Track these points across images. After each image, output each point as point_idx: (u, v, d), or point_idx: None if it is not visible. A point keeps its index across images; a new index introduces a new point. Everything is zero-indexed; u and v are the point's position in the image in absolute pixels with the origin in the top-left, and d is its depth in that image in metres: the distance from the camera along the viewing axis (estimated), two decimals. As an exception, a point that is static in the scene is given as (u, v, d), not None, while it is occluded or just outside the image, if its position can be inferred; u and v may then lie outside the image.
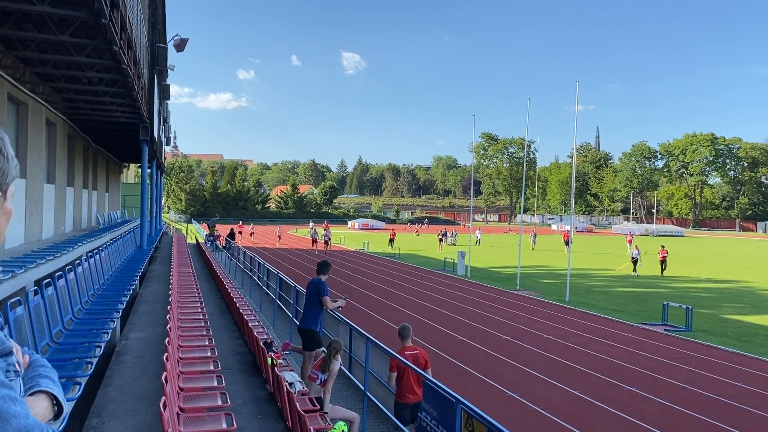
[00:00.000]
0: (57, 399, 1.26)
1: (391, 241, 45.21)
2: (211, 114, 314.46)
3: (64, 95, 14.29)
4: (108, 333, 6.84)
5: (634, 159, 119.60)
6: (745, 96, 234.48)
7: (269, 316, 14.99)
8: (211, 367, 6.22)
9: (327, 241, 40.70)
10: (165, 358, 4.92)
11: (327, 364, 6.88)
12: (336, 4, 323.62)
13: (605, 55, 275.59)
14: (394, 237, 46.60)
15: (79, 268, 8.76)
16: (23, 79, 11.97)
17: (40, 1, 7.80)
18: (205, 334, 7.67)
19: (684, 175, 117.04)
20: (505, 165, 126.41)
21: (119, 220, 27.10)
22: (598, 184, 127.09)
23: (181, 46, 22.02)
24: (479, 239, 53.15)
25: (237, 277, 22.21)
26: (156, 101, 19.21)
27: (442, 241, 46.65)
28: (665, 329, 16.31)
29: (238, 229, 50.83)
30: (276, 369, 6.36)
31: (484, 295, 22.20)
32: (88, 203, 22.37)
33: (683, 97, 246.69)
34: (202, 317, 8.72)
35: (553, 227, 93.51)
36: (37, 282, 7.76)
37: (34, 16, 8.48)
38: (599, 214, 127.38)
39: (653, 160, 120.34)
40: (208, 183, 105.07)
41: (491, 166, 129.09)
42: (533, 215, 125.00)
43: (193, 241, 38.83)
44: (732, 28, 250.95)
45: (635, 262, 30.70)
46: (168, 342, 5.62)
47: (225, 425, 4.78)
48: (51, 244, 12.06)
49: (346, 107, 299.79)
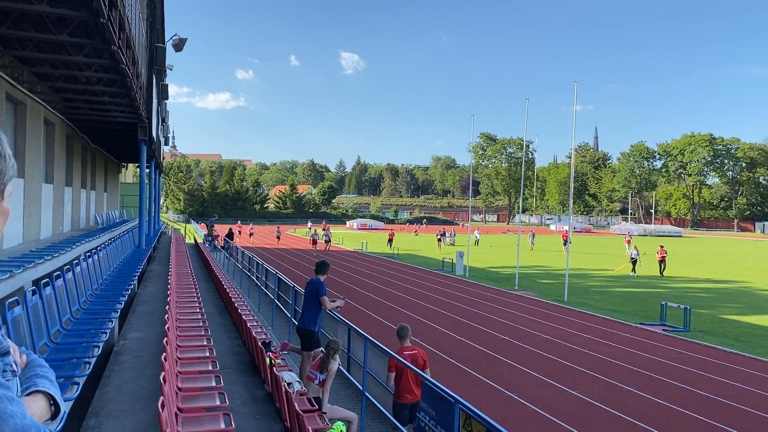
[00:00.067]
0: (54, 399, 1.26)
1: (389, 241, 45.21)
2: (209, 114, 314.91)
3: (62, 95, 14.28)
4: (106, 333, 6.83)
5: (632, 159, 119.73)
6: (744, 96, 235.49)
7: (268, 316, 14.99)
8: (210, 367, 6.22)
9: (327, 241, 40.71)
10: (163, 358, 4.92)
11: (325, 364, 6.88)
12: (335, 4, 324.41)
13: (604, 55, 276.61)
14: (393, 237, 46.61)
15: (78, 268, 8.75)
16: (21, 79, 11.95)
17: (39, 0, 7.79)
18: (203, 334, 7.67)
19: (682, 175, 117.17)
20: (503, 165, 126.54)
21: (117, 220, 27.06)
22: (597, 184, 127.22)
23: (179, 45, 22.00)
24: (478, 239, 53.18)
25: (235, 277, 22.20)
26: (154, 101, 19.20)
27: (440, 241, 46.66)
28: (663, 329, 16.34)
29: (237, 229, 50.81)
30: (274, 369, 6.36)
31: (483, 295, 22.21)
32: (87, 203, 22.35)
33: (682, 98, 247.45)
34: (200, 317, 8.71)
35: (552, 227, 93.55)
36: (36, 282, 7.76)
37: (33, 16, 8.47)
38: (598, 215, 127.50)
39: (651, 161, 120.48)
40: (206, 183, 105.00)
41: (490, 166, 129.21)
42: (532, 215, 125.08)
43: (192, 241, 38.82)
44: (731, 29, 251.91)
45: (634, 262, 30.70)
46: (166, 342, 5.61)
47: (223, 425, 4.77)
48: (49, 244, 12.05)
49: (345, 107, 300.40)
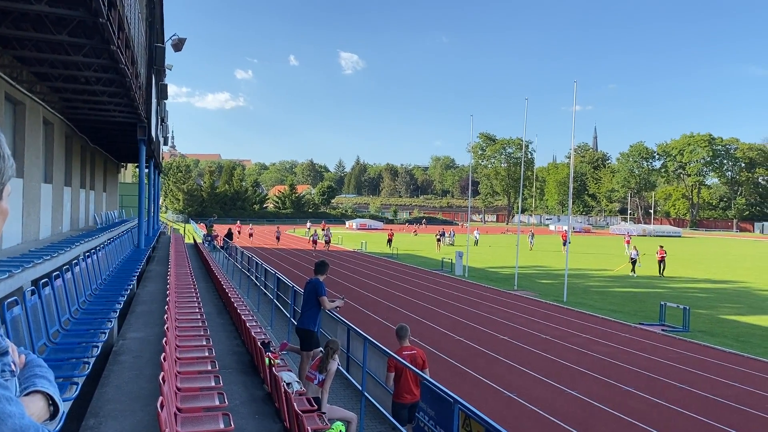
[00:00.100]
0: (53, 399, 1.26)
1: (389, 241, 45.21)
2: (208, 114, 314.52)
3: (61, 95, 14.27)
4: (105, 333, 6.83)
5: (631, 159, 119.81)
6: (743, 97, 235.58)
7: (267, 316, 14.99)
8: (209, 367, 6.21)
9: (327, 242, 40.71)
10: (162, 358, 4.91)
11: (324, 364, 6.88)
12: (334, 4, 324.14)
13: (603, 55, 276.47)
14: (392, 237, 46.62)
15: (77, 267, 8.74)
16: (20, 79, 11.95)
17: (38, 0, 7.79)
18: (202, 334, 7.67)
19: (681, 175, 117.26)
20: (503, 165, 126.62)
21: (117, 220, 27.05)
22: (596, 184, 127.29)
23: (178, 45, 21.98)
24: (477, 239, 53.20)
25: (235, 277, 22.20)
26: (154, 101, 19.19)
27: (440, 241, 46.66)
28: (662, 329, 16.35)
29: (236, 229, 50.78)
30: (274, 369, 6.36)
31: (482, 295, 22.21)
32: (86, 203, 22.34)
33: (681, 98, 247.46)
34: (199, 317, 8.71)
35: (551, 227, 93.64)
36: (35, 282, 7.75)
37: (32, 16, 8.47)
38: (597, 215, 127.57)
39: (651, 161, 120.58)
40: (205, 183, 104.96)
41: (489, 166, 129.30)
42: (531, 215, 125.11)
43: (191, 241, 38.81)
44: (730, 29, 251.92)
45: (634, 262, 30.71)
46: (165, 342, 5.61)
47: (222, 425, 4.77)
48: (48, 244, 12.04)
49: (344, 107, 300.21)
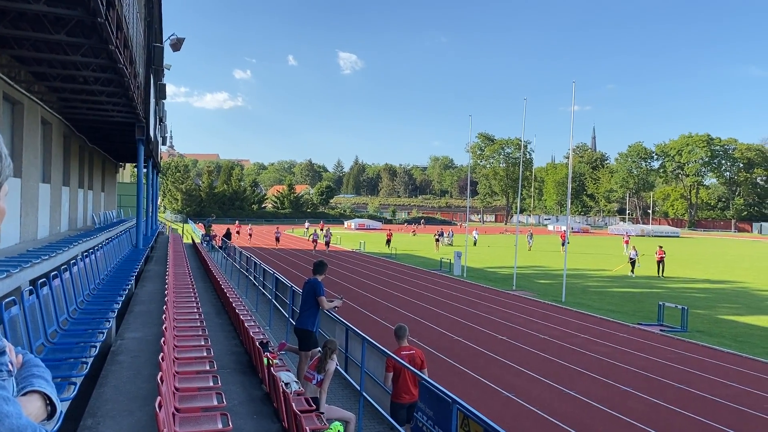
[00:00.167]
0: (50, 399, 1.26)
1: (388, 241, 45.20)
2: (207, 114, 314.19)
3: (59, 94, 14.25)
4: (103, 333, 6.82)
5: (630, 159, 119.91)
6: (742, 97, 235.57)
7: (265, 316, 14.99)
8: (207, 367, 6.21)
9: (327, 242, 40.68)
10: (161, 358, 4.91)
11: (323, 364, 6.88)
12: (333, 5, 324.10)
13: (602, 56, 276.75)
14: (391, 237, 46.60)
15: (75, 267, 8.73)
16: (18, 78, 11.93)
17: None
18: (201, 334, 7.66)
19: (680, 175, 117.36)
20: (501, 165, 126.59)
21: (115, 220, 27.03)
22: (595, 184, 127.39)
23: (177, 45, 21.96)
24: (476, 239, 53.21)
25: (233, 277, 22.19)
26: (152, 101, 19.17)
27: (438, 241, 46.65)
28: (661, 330, 16.37)
29: (235, 229, 50.72)
30: (272, 369, 6.35)
31: (481, 295, 22.22)
32: (84, 203, 22.31)
33: (679, 98, 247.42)
34: (198, 317, 8.70)
35: (550, 228, 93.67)
36: (33, 281, 7.74)
37: (30, 15, 8.46)
38: (595, 215, 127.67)
39: (649, 161, 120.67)
40: (204, 183, 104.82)
41: (488, 166, 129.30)
42: (529, 216, 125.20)
43: (189, 241, 38.78)
44: (728, 30, 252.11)
45: (633, 263, 30.73)
46: (164, 342, 5.60)
47: (221, 425, 4.77)
48: (46, 244, 12.02)
49: (343, 107, 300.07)
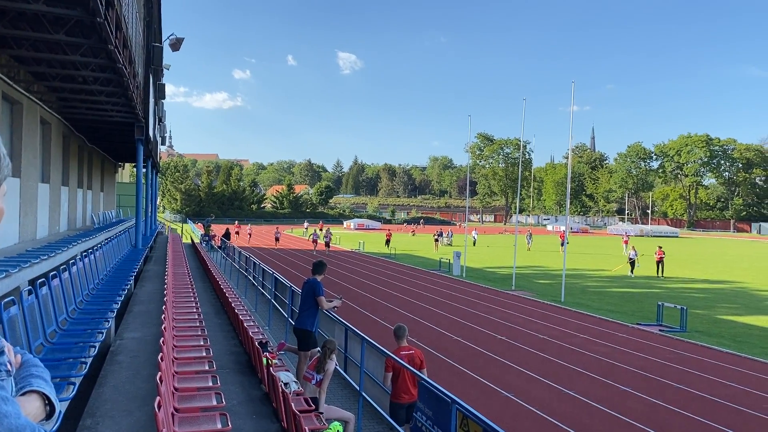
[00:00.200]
0: (49, 399, 1.26)
1: (387, 241, 45.17)
2: (206, 114, 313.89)
3: (58, 94, 14.24)
4: (102, 333, 6.81)
5: (629, 160, 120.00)
6: (741, 97, 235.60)
7: (264, 316, 14.99)
8: (206, 367, 6.21)
9: (327, 243, 40.64)
10: (160, 358, 4.91)
11: (322, 364, 6.88)
12: (332, 5, 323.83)
13: (601, 56, 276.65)
14: (390, 237, 46.57)
15: (74, 267, 8.73)
16: (18, 78, 11.92)
17: (35, -1, 7.77)
18: (200, 334, 7.66)
19: (679, 175, 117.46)
20: (500, 165, 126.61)
21: (114, 220, 27.00)
22: (594, 184, 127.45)
23: (176, 45, 21.94)
24: (475, 239, 53.21)
25: (232, 277, 22.18)
26: (151, 101, 19.15)
27: (437, 241, 46.64)
28: (660, 330, 16.37)
29: (235, 229, 50.65)
30: (271, 369, 6.35)
31: (480, 295, 22.22)
32: (83, 203, 22.30)
33: (679, 99, 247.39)
34: (197, 317, 8.70)
35: (549, 228, 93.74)
36: (32, 281, 7.73)
37: (29, 15, 8.45)
38: (594, 215, 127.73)
39: (648, 161, 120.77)
40: (203, 183, 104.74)
41: (487, 166, 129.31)
42: (529, 216, 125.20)
43: (189, 241, 38.76)
44: (728, 30, 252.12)
45: (632, 263, 30.73)
46: (163, 342, 5.60)
47: (220, 425, 4.77)
48: (45, 244, 12.01)
49: (342, 107, 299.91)
